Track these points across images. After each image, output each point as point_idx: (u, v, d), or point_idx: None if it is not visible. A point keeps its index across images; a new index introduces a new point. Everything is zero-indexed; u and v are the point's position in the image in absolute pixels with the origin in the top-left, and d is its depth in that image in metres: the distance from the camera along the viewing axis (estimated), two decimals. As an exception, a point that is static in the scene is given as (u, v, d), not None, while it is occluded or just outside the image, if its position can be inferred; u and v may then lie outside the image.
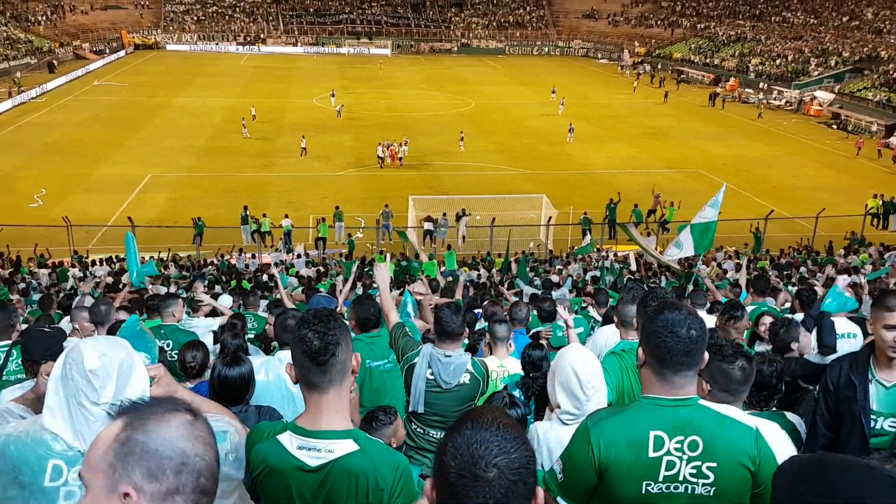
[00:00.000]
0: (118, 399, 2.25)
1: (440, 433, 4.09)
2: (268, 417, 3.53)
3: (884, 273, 12.79)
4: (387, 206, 25.30)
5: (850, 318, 5.82)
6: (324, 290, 12.33)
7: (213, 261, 22.04)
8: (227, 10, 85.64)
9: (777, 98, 54.82)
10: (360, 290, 12.10)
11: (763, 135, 44.28)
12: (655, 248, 22.89)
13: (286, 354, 4.21)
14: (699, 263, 15.08)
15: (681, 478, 2.43)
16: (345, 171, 33.73)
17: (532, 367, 4.28)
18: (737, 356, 2.98)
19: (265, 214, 25.28)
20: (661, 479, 2.43)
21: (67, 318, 8.56)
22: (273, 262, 21.38)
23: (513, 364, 4.99)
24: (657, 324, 2.50)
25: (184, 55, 73.87)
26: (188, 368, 4.61)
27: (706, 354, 2.53)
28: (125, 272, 16.64)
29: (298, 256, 22.75)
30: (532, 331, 6.72)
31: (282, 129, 41.68)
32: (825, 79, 55.45)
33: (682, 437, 2.42)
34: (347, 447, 2.36)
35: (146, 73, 61.30)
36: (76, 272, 19.24)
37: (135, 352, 2.39)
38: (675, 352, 2.46)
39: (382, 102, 51.26)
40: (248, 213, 25.14)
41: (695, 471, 2.42)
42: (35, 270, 19.07)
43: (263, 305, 10.10)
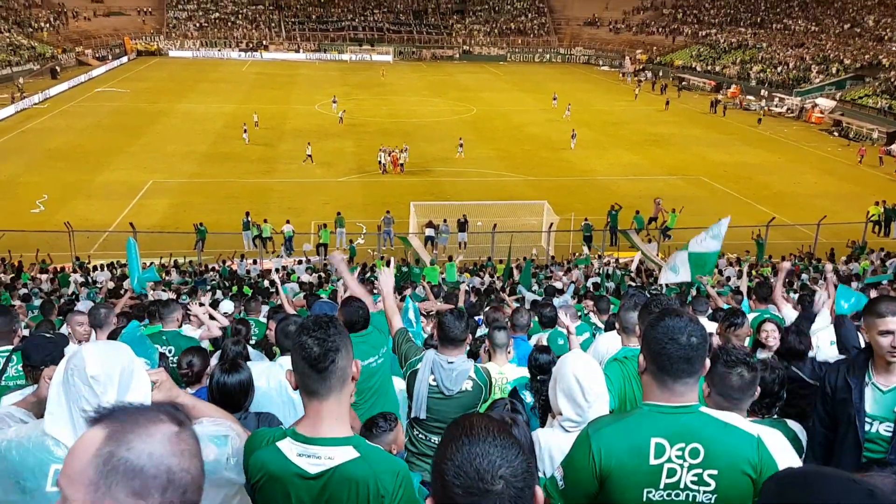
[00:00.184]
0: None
1: (442, 441, 4.07)
2: (267, 424, 3.52)
3: (885, 280, 12.74)
4: (388, 213, 25.32)
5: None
6: (325, 296, 12.33)
7: (215, 266, 22.06)
8: (230, 17, 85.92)
9: (778, 105, 54.85)
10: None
11: (764, 142, 44.31)
12: (657, 255, 22.91)
13: (287, 360, 4.20)
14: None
15: (682, 485, 2.42)
16: (346, 178, 33.76)
17: (539, 371, 4.27)
18: (738, 363, 2.96)
19: (266, 220, 25.31)
20: (663, 487, 2.43)
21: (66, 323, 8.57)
22: (274, 268, 21.38)
23: (512, 370, 4.98)
24: (658, 330, 2.50)
25: (186, 61, 74.09)
26: (182, 375, 4.59)
27: (707, 361, 2.53)
28: (126, 278, 16.66)
29: (300, 262, 22.75)
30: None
31: (283, 136, 41.75)
32: (826, 86, 55.48)
33: (684, 445, 2.41)
34: (347, 454, 2.35)
35: (148, 80, 61.47)
36: (77, 277, 19.27)
37: (136, 357, 2.39)
38: (676, 359, 2.45)
39: (384, 109, 51.35)
40: (250, 219, 25.17)
41: (696, 478, 2.41)
42: (37, 276, 19.07)
43: (265, 311, 10.09)
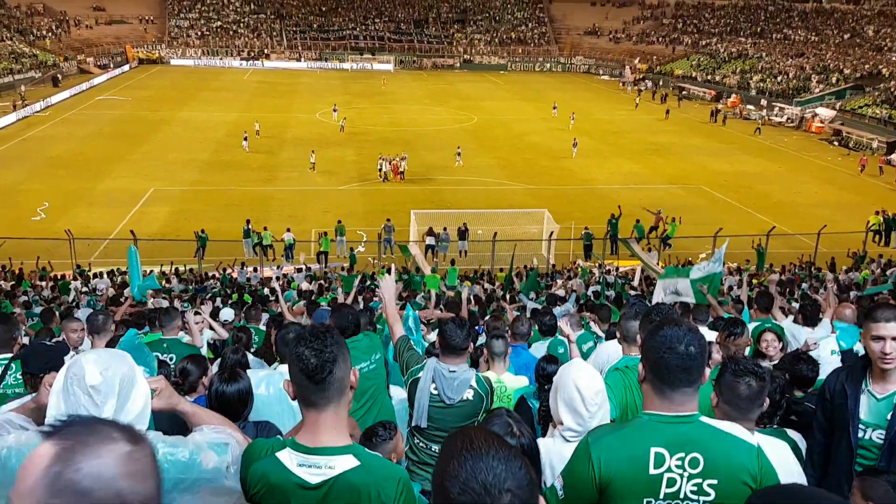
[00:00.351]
0: (119, 413, 2.25)
1: (443, 449, 4.06)
2: (265, 434, 3.50)
3: (885, 290, 12.74)
4: (389, 221, 25.34)
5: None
6: (324, 304, 12.33)
7: (215, 274, 22.05)
8: (232, 26, 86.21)
9: (778, 115, 54.94)
10: (361, 305, 12.08)
11: (764, 151, 44.38)
12: (657, 264, 22.92)
13: (287, 368, 4.19)
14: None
15: (682, 495, 2.42)
16: (347, 186, 33.80)
17: (546, 380, 4.25)
18: (746, 373, 2.98)
19: (266, 228, 25.32)
20: (662, 497, 2.42)
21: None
22: (274, 276, 21.37)
23: (510, 379, 4.96)
24: (656, 339, 2.50)
25: (188, 70, 74.28)
26: (173, 384, 4.55)
27: (707, 371, 2.53)
28: (127, 286, 16.66)
29: (299, 271, 22.74)
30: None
31: (284, 144, 41.82)
32: (826, 96, 55.62)
33: (683, 454, 2.41)
34: (348, 463, 2.34)
35: (150, 88, 61.61)
36: (78, 285, 19.27)
37: (136, 365, 2.39)
38: (673, 368, 2.45)
39: (385, 117, 51.45)
40: (251, 227, 25.18)
41: (696, 488, 2.41)
42: (37, 283, 19.07)
43: (265, 319, 10.08)
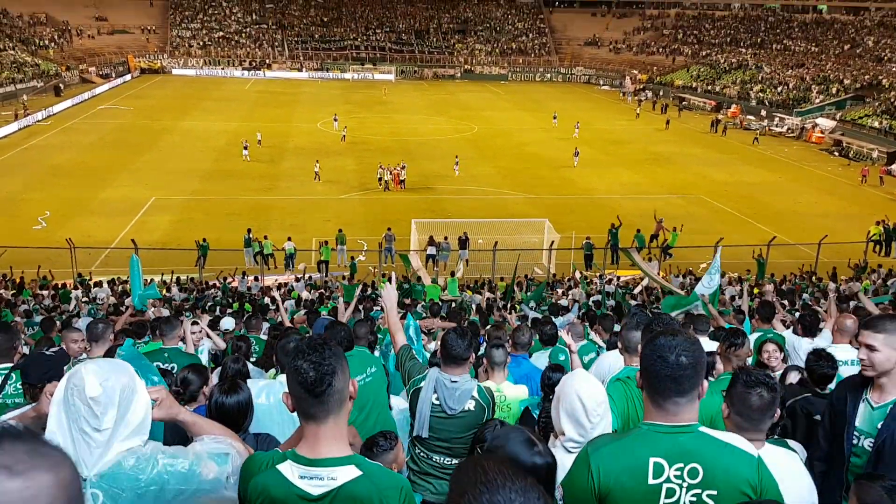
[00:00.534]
0: (120, 424, 2.25)
1: (444, 458, 4.05)
2: (265, 446, 3.48)
3: (886, 300, 12.72)
4: (389, 230, 25.36)
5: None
6: (325, 313, 12.31)
7: (216, 283, 22.04)
8: (233, 36, 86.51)
9: (779, 125, 55.03)
10: (362, 314, 12.08)
11: (765, 161, 44.43)
12: (658, 273, 22.89)
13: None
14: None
15: None
16: (348, 195, 33.84)
17: (551, 389, 4.23)
18: (757, 384, 2.99)
19: (266, 237, 25.32)
20: None
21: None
22: (276, 286, 21.36)
23: (510, 389, 4.94)
24: (649, 348, 2.53)
25: (189, 79, 74.51)
26: (174, 393, 4.54)
27: (706, 383, 2.52)
28: (127, 294, 16.66)
29: (298, 280, 22.73)
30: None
31: (285, 153, 41.90)
32: (826, 106, 55.74)
33: (682, 465, 2.41)
34: (350, 473, 2.33)
35: (152, 97, 61.79)
36: (78, 294, 19.26)
37: (137, 375, 2.38)
38: (663, 377, 2.46)
39: (386, 127, 51.57)
40: (251, 236, 25.19)
41: (695, 498, 2.41)
42: (39, 293, 19.06)
43: (265, 328, 10.08)
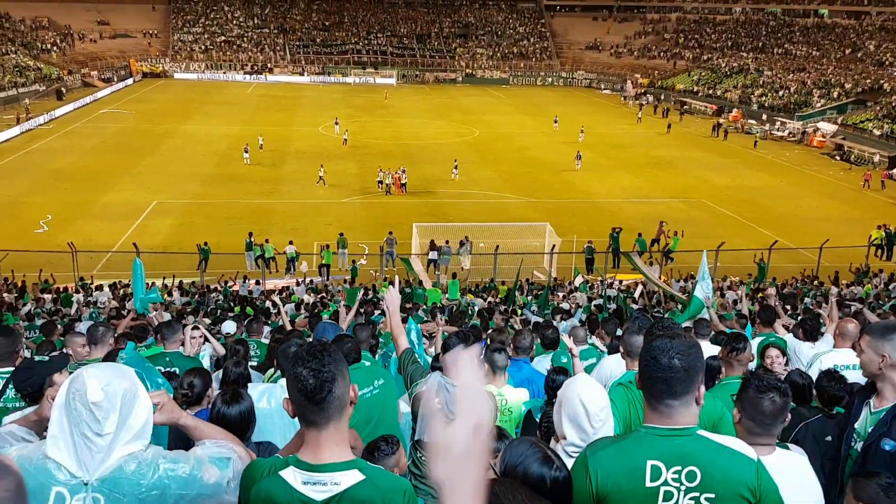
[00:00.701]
0: (121, 428, 2.25)
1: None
2: (267, 454, 3.47)
3: (887, 308, 12.70)
4: (391, 234, 25.36)
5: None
6: (326, 316, 12.31)
7: (217, 287, 22.04)
8: (235, 40, 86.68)
9: (780, 129, 55.02)
10: (363, 318, 12.07)
11: (766, 165, 44.42)
12: (659, 278, 22.87)
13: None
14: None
15: None
16: (349, 199, 33.87)
17: (555, 393, 4.22)
18: (770, 389, 3.01)
19: (268, 240, 25.33)
20: None
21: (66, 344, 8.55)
22: (279, 289, 21.35)
23: (510, 392, 4.94)
24: (645, 350, 2.56)
25: (191, 83, 74.65)
26: (182, 395, 4.55)
27: (702, 388, 2.51)
28: (129, 298, 16.66)
29: (298, 284, 22.73)
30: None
31: (287, 157, 41.95)
32: (828, 110, 55.73)
33: (680, 468, 2.41)
34: (353, 478, 2.33)
35: (153, 101, 61.92)
36: (80, 298, 19.27)
37: (138, 380, 2.38)
38: (654, 379, 2.48)
39: (387, 131, 51.61)
40: (253, 240, 25.19)
41: (693, 502, 2.41)
42: (40, 296, 19.07)
43: (266, 332, 10.06)
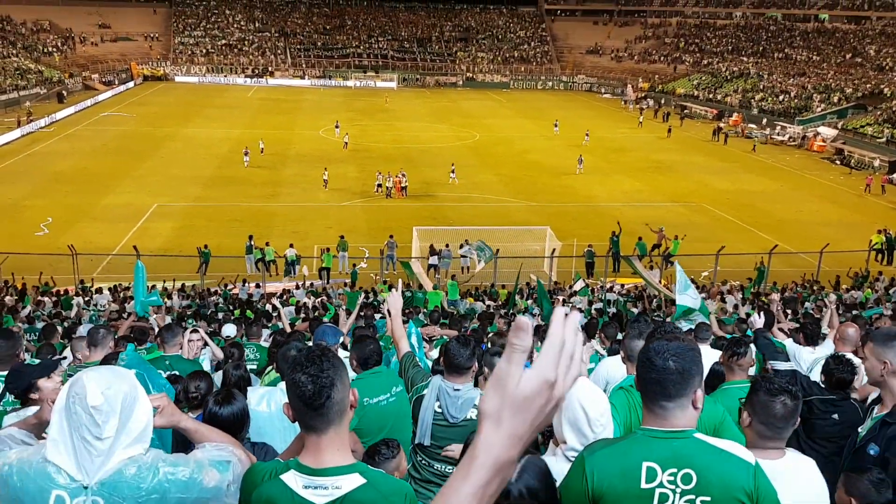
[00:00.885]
0: (121, 432, 2.24)
1: (445, 466, 4.04)
2: (262, 455, 3.46)
3: (879, 312, 12.67)
4: (391, 237, 25.35)
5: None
6: (326, 320, 12.29)
7: (217, 290, 22.03)
8: (236, 44, 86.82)
9: (780, 133, 55.05)
10: (362, 322, 12.05)
11: (766, 170, 44.43)
12: (659, 282, 22.86)
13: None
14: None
15: None
16: (350, 202, 33.87)
17: None
18: (781, 392, 3.00)
19: (268, 243, 25.32)
20: None
21: (69, 348, 8.54)
22: (280, 293, 21.34)
23: None
24: (642, 351, 2.58)
25: (192, 87, 74.73)
26: (191, 398, 4.55)
27: (699, 392, 2.51)
28: (128, 301, 16.65)
29: (298, 287, 22.71)
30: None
31: (287, 160, 41.96)
32: (828, 115, 55.78)
33: (676, 470, 2.41)
34: (354, 482, 2.33)
35: (154, 104, 61.96)
36: (80, 301, 19.26)
37: (138, 383, 2.38)
38: (648, 381, 2.49)
39: (388, 134, 51.64)
40: (253, 243, 25.17)
41: None
42: (41, 299, 19.07)
43: (265, 335, 10.04)
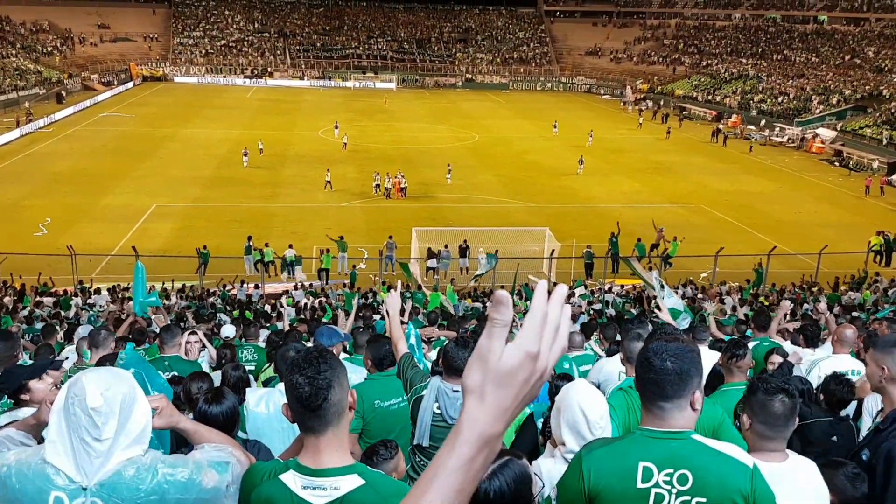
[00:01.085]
0: (120, 433, 2.24)
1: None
2: (255, 453, 3.46)
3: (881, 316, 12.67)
4: (391, 238, 25.35)
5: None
6: (325, 320, 12.32)
7: (216, 290, 22.01)
8: (235, 44, 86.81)
9: (779, 135, 55.08)
10: (361, 322, 12.06)
11: (765, 171, 44.45)
12: (652, 275, 22.84)
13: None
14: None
15: None
16: (349, 203, 33.86)
17: None
18: (778, 391, 2.97)
19: (267, 244, 25.31)
20: None
21: (69, 348, 8.55)
22: (285, 296, 21.33)
23: None
24: (641, 351, 2.59)
25: (191, 87, 74.71)
26: (194, 399, 4.54)
27: (697, 394, 2.51)
28: (128, 301, 16.64)
29: (296, 288, 22.71)
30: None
31: (287, 161, 41.95)
32: (827, 116, 55.82)
33: (672, 470, 2.42)
34: (353, 482, 2.33)
35: (153, 105, 61.93)
36: (78, 301, 19.25)
37: (137, 384, 2.38)
38: (646, 381, 2.49)
39: (387, 135, 51.64)
40: (252, 244, 25.15)
41: None
42: (40, 300, 19.07)
43: (264, 336, 10.05)
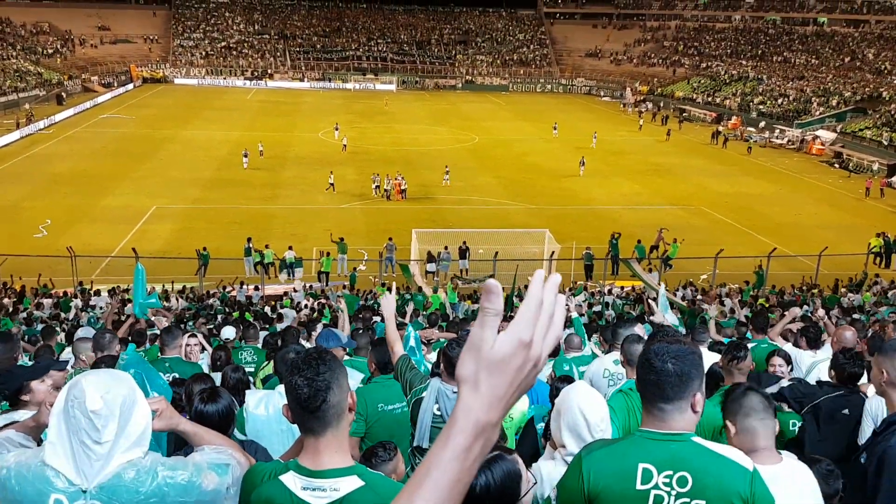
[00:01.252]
0: (120, 436, 2.24)
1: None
2: (252, 453, 3.46)
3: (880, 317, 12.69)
4: (391, 240, 25.35)
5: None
6: (325, 321, 12.31)
7: (216, 292, 22.01)
8: (236, 46, 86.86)
9: (779, 137, 55.09)
10: (359, 324, 12.06)
11: (765, 173, 44.46)
12: (658, 284, 22.86)
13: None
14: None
15: None
16: (349, 204, 33.87)
17: None
18: (748, 388, 3.11)
19: (268, 246, 25.31)
20: None
21: (69, 350, 8.54)
22: (280, 294, 21.35)
23: None
24: (642, 353, 2.59)
25: (191, 89, 74.75)
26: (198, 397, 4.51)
27: (698, 396, 2.50)
28: (127, 303, 16.63)
29: (296, 290, 22.71)
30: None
31: (287, 163, 41.97)
32: (827, 118, 55.84)
33: (671, 472, 2.41)
34: (353, 484, 2.33)
35: (154, 106, 61.97)
36: (78, 303, 19.25)
37: (137, 386, 2.38)
38: (647, 382, 2.49)
39: (387, 137, 51.66)
40: (252, 245, 25.15)
41: None
42: (41, 302, 19.08)
43: (262, 337, 10.04)
